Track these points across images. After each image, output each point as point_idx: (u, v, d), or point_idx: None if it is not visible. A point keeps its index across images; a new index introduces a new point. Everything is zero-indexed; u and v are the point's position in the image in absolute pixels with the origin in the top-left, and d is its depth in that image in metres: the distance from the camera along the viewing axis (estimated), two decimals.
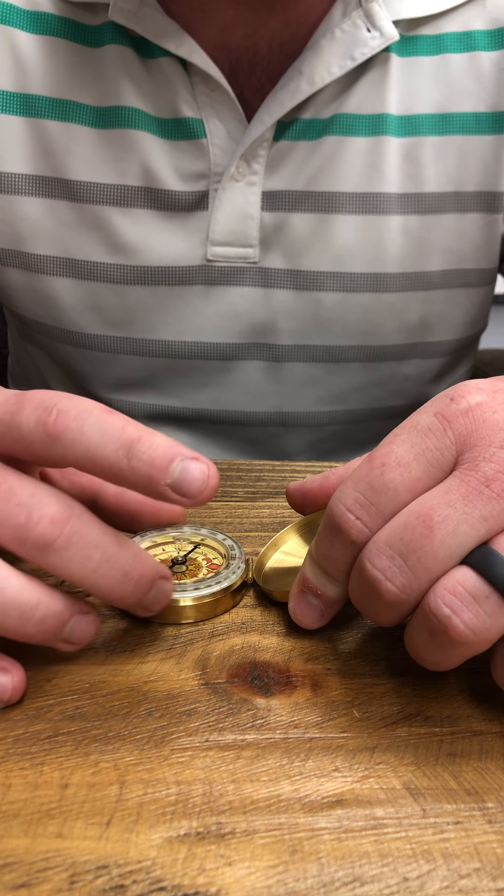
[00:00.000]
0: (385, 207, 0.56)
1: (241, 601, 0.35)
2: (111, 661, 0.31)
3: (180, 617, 0.33)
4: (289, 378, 0.61)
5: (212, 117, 0.54)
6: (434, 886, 0.22)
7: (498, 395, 0.28)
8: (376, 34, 0.53)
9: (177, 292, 0.58)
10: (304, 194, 0.56)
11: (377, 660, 0.31)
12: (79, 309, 0.59)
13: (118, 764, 0.26)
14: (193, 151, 0.55)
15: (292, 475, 0.48)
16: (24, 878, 0.22)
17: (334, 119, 0.55)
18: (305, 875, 0.22)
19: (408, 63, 0.55)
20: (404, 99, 0.55)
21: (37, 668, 0.30)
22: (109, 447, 0.26)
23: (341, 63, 0.53)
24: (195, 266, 0.57)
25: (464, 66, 0.56)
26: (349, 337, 0.60)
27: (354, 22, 0.53)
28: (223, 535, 0.38)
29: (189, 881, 0.22)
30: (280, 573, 0.36)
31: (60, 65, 0.55)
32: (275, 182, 0.56)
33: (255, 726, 0.28)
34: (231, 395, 0.62)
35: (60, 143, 0.55)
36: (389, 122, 0.55)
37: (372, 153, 0.56)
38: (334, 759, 0.26)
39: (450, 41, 0.56)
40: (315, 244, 0.57)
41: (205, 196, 0.56)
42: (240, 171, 0.55)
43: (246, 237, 0.56)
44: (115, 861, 0.22)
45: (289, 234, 0.57)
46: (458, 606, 0.25)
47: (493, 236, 0.60)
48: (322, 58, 0.53)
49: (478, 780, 0.25)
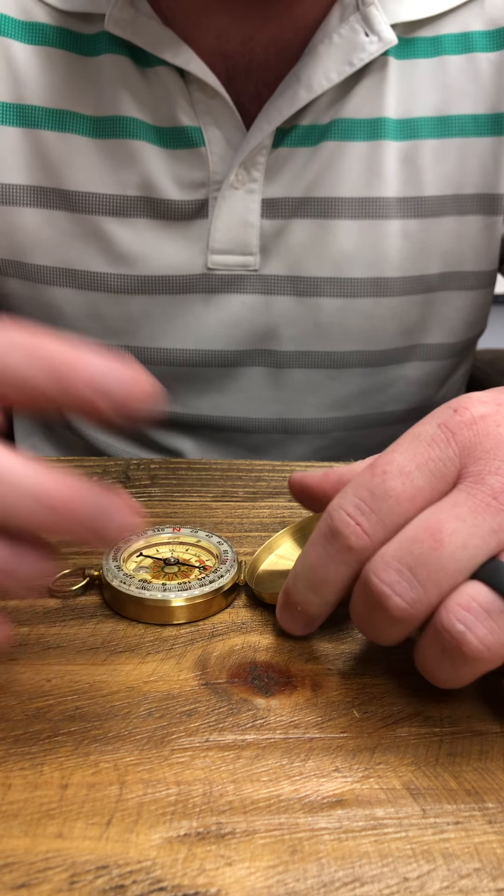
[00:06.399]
0: (384, 212, 0.56)
1: (235, 602, 0.35)
2: (111, 661, 0.31)
3: (172, 617, 0.33)
4: (290, 384, 0.61)
5: (210, 125, 0.54)
6: (434, 886, 0.22)
7: (501, 409, 0.28)
8: (374, 39, 0.52)
9: (177, 301, 0.58)
10: (304, 200, 0.56)
11: (377, 660, 0.31)
12: (79, 318, 0.59)
13: (118, 764, 0.26)
14: (192, 160, 0.54)
15: (292, 475, 0.48)
16: (24, 878, 0.22)
17: (333, 124, 0.55)
18: (305, 875, 0.22)
19: (406, 66, 0.55)
20: (402, 102, 0.55)
21: (37, 668, 0.30)
22: None
23: (340, 69, 0.53)
24: (196, 275, 0.57)
25: (462, 68, 0.55)
26: (350, 342, 0.60)
27: (352, 27, 0.53)
28: (217, 538, 0.38)
29: (189, 881, 0.22)
30: (273, 576, 0.36)
31: (57, 75, 0.54)
32: (274, 189, 0.55)
33: (255, 726, 0.28)
34: (233, 401, 0.62)
35: (58, 154, 0.55)
36: (388, 126, 0.55)
37: (371, 157, 0.55)
38: (334, 759, 0.26)
39: (448, 43, 0.55)
40: (315, 250, 0.57)
41: (204, 204, 0.56)
42: (239, 179, 0.54)
43: (246, 245, 0.56)
44: (115, 861, 0.22)
45: (289, 241, 0.57)
46: (471, 622, 0.24)
47: (493, 238, 0.60)
48: (320, 64, 0.53)
49: (478, 780, 0.25)
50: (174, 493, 0.46)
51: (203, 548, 0.38)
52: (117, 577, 0.34)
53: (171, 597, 0.33)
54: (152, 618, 0.33)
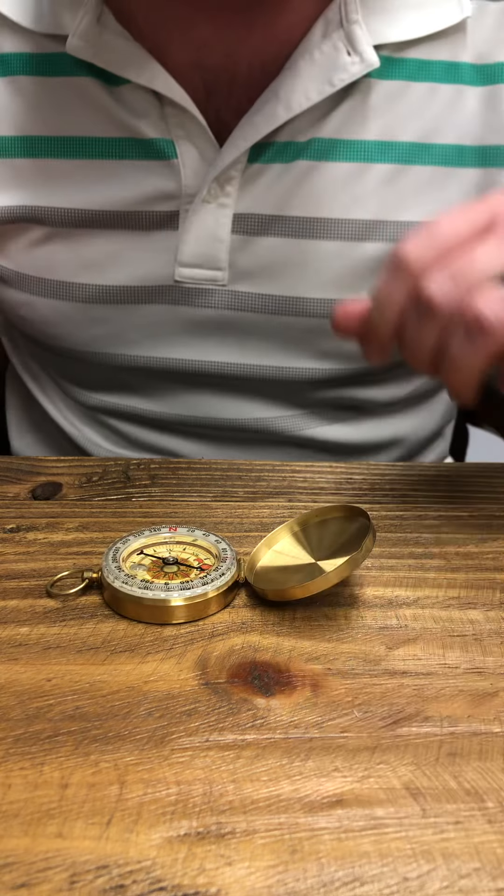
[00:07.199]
0: (362, 234, 0.55)
1: (234, 601, 0.35)
2: (111, 661, 0.31)
3: (172, 617, 0.33)
4: (265, 395, 0.61)
5: (182, 139, 0.53)
6: (434, 886, 0.22)
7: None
8: (356, 59, 0.51)
9: (144, 311, 0.57)
10: (275, 218, 0.55)
11: (377, 660, 0.31)
12: (53, 324, 0.59)
13: (118, 764, 0.26)
14: (164, 172, 0.54)
15: (292, 475, 0.48)
16: (24, 878, 0.22)
17: (311, 143, 0.53)
18: (305, 875, 0.22)
19: (392, 88, 0.53)
20: (387, 125, 0.54)
21: (37, 668, 0.30)
22: None
23: (320, 88, 0.51)
24: (162, 286, 0.56)
25: (450, 98, 0.54)
26: (323, 361, 0.59)
27: (335, 44, 0.51)
28: (215, 537, 0.38)
29: (189, 881, 0.22)
30: (272, 571, 0.36)
31: (26, 102, 0.54)
32: (247, 204, 0.54)
33: (255, 726, 0.28)
34: (207, 403, 0.61)
35: (31, 179, 0.55)
36: (370, 149, 0.54)
37: (350, 179, 0.54)
38: (334, 759, 0.26)
39: (437, 70, 0.54)
40: (287, 269, 0.56)
41: (174, 216, 0.55)
42: (211, 194, 0.54)
43: (215, 259, 0.55)
44: (115, 861, 0.22)
45: (259, 258, 0.55)
46: (491, 305, 0.34)
47: None
48: (300, 81, 0.51)
49: (478, 780, 0.25)
50: (174, 493, 0.46)
51: (201, 547, 0.38)
52: (118, 577, 0.34)
53: (174, 596, 0.33)
54: (152, 617, 0.33)
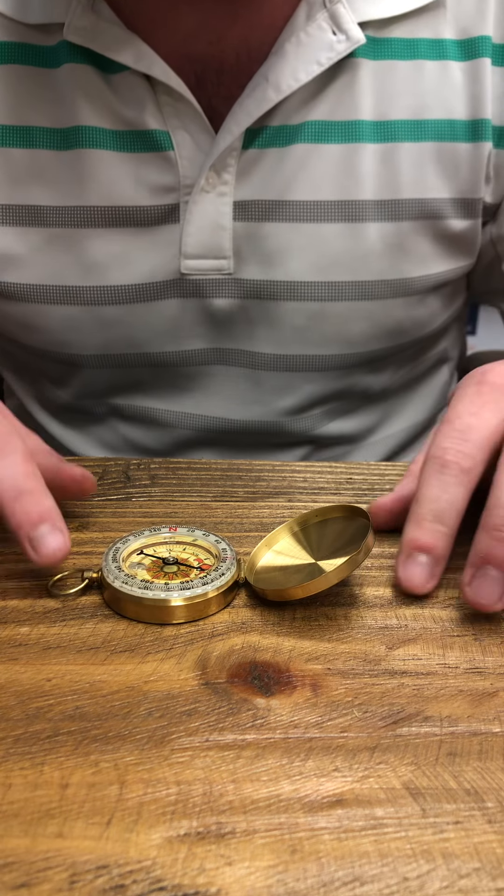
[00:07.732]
0: (362, 215, 0.56)
1: (234, 601, 0.35)
2: (111, 661, 0.31)
3: (172, 617, 0.33)
4: (267, 386, 0.61)
5: (178, 129, 0.53)
6: (434, 886, 0.22)
7: None
8: (342, 37, 0.51)
9: (152, 307, 0.57)
10: (277, 203, 0.55)
11: (377, 660, 0.31)
12: (57, 332, 0.58)
13: (118, 764, 0.26)
14: (161, 164, 0.54)
15: (292, 475, 0.48)
16: (24, 878, 0.22)
17: (304, 126, 0.54)
18: (305, 875, 0.22)
19: (381, 67, 0.54)
20: (379, 104, 0.54)
21: (37, 668, 0.30)
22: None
23: (308, 68, 0.52)
24: (170, 280, 0.56)
25: (437, 74, 0.54)
26: (328, 346, 0.59)
27: (319, 25, 0.51)
28: (215, 537, 0.38)
29: (189, 881, 0.22)
30: (272, 572, 0.36)
31: (19, 91, 0.54)
32: (245, 191, 0.55)
33: (255, 726, 0.28)
34: (214, 401, 0.62)
35: (25, 170, 0.55)
36: (364, 128, 0.54)
37: (347, 160, 0.54)
38: (334, 759, 0.26)
39: (423, 47, 0.54)
40: (291, 254, 0.56)
41: (175, 209, 0.55)
42: (209, 182, 0.54)
43: (219, 249, 0.56)
44: (115, 861, 0.22)
45: (263, 244, 0.56)
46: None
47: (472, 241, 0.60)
48: (288, 63, 0.52)
49: (478, 780, 0.25)
50: (174, 493, 0.46)
51: (201, 547, 0.38)
52: (118, 577, 0.34)
53: (174, 596, 0.33)
54: (152, 617, 0.33)
